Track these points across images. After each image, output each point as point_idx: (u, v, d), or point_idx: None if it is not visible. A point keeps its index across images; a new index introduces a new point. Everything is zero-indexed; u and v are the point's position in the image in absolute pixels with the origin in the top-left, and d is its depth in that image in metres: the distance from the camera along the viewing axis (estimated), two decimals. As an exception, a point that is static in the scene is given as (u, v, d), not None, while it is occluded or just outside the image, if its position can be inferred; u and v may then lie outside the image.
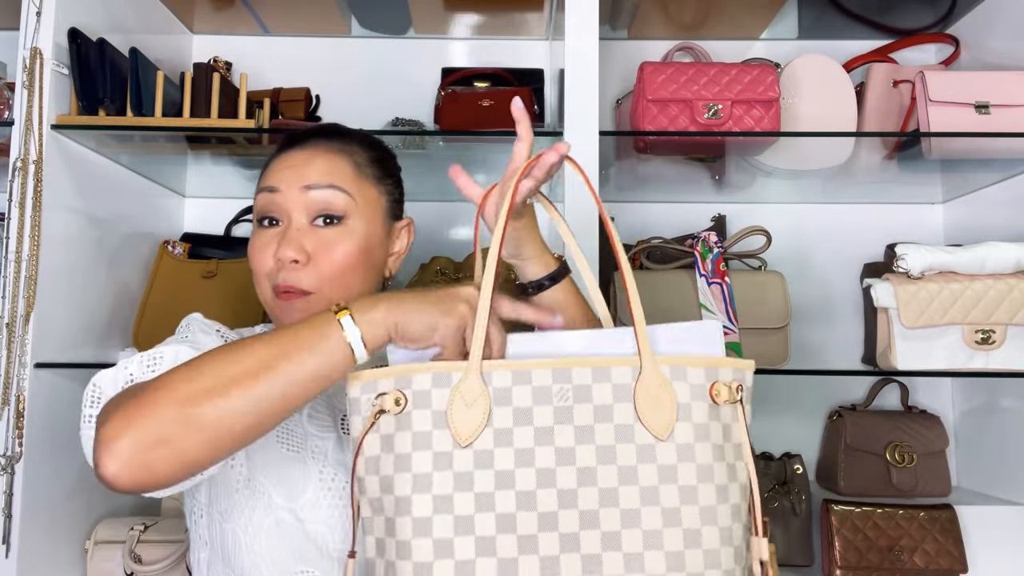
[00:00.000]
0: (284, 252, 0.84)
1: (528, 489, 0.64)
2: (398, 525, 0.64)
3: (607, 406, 0.66)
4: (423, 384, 0.66)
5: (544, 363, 0.66)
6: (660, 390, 0.66)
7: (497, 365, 0.66)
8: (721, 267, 1.32)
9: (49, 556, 1.19)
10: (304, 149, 0.90)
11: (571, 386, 0.66)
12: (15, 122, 1.17)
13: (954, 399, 1.65)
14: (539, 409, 0.65)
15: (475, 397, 0.65)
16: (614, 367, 0.67)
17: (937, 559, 1.33)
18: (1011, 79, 1.33)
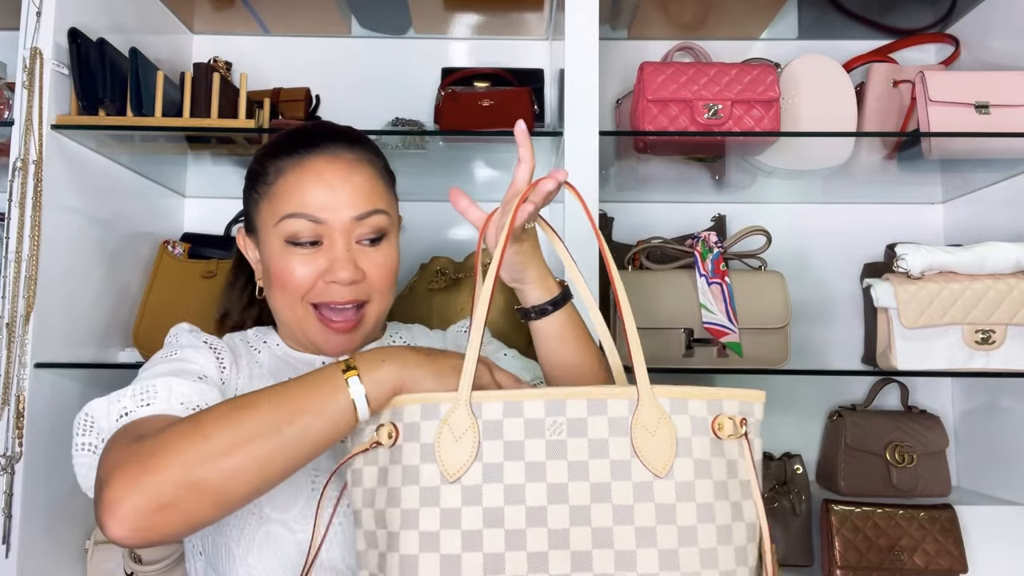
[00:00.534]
0: (341, 274, 0.85)
1: (518, 528, 0.61)
2: (389, 561, 0.62)
3: (602, 440, 0.63)
4: (413, 416, 0.65)
5: (537, 394, 0.64)
6: (659, 424, 0.63)
7: (488, 396, 0.64)
8: (721, 267, 1.32)
9: (49, 556, 1.19)
10: (332, 160, 0.88)
11: (565, 419, 0.63)
12: (15, 122, 1.17)
13: (954, 399, 1.65)
14: (531, 443, 0.63)
15: (464, 430, 0.63)
16: (610, 399, 0.64)
17: (937, 559, 1.33)
18: (1011, 79, 1.33)
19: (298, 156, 0.89)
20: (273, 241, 0.88)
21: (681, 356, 1.29)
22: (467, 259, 1.45)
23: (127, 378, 1.38)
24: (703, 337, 1.29)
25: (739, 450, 0.65)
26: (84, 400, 1.26)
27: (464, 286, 1.39)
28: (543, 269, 0.84)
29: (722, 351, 1.29)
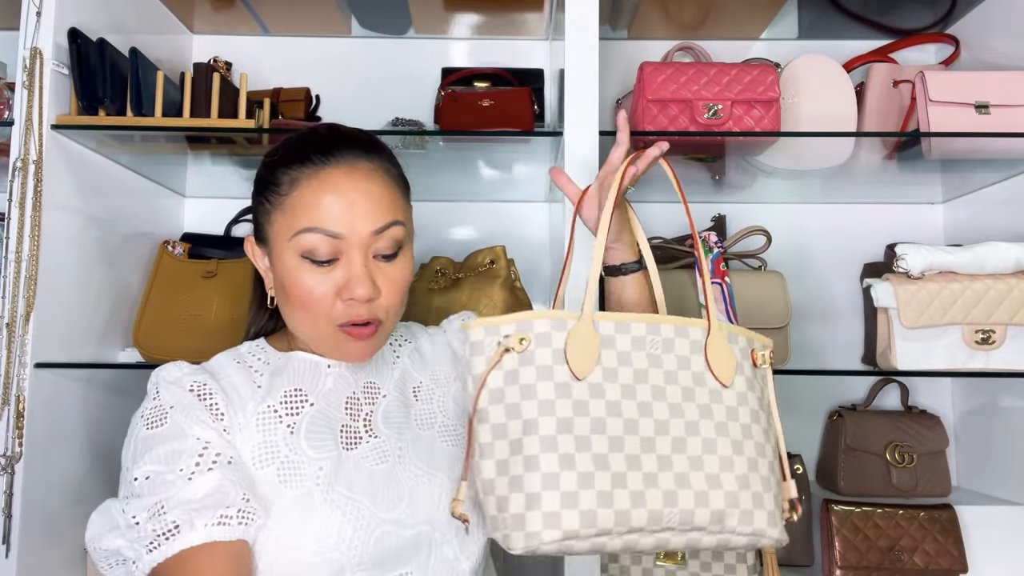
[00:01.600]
0: (359, 291, 0.84)
1: (632, 418, 0.77)
2: (525, 443, 0.74)
3: (685, 357, 0.81)
4: (543, 328, 0.79)
5: (640, 318, 0.81)
6: (723, 348, 0.83)
7: (602, 316, 0.80)
8: (721, 267, 1.32)
9: (49, 556, 1.19)
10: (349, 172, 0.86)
11: (660, 338, 0.81)
12: (15, 122, 1.17)
13: (954, 399, 1.65)
14: (636, 354, 0.80)
15: (588, 340, 0.78)
16: (690, 327, 0.83)
17: (937, 559, 1.33)
18: (1011, 79, 1.33)
19: (312, 167, 0.86)
20: (288, 256, 0.86)
21: (681, 356, 1.29)
22: (467, 259, 1.45)
23: (127, 378, 1.39)
24: (703, 337, 1.29)
25: (764, 377, 0.87)
26: (84, 400, 1.28)
27: (464, 285, 1.39)
28: (633, 236, 0.99)
29: (722, 351, 1.29)
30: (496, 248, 1.44)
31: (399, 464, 0.90)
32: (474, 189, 1.62)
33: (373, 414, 0.93)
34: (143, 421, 0.83)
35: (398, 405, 0.95)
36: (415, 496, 0.88)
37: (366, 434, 0.91)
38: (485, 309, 1.37)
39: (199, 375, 0.87)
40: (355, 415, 0.92)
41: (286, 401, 0.89)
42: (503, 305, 1.37)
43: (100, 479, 1.31)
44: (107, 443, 1.34)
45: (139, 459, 0.81)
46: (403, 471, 0.90)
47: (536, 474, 0.73)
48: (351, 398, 0.93)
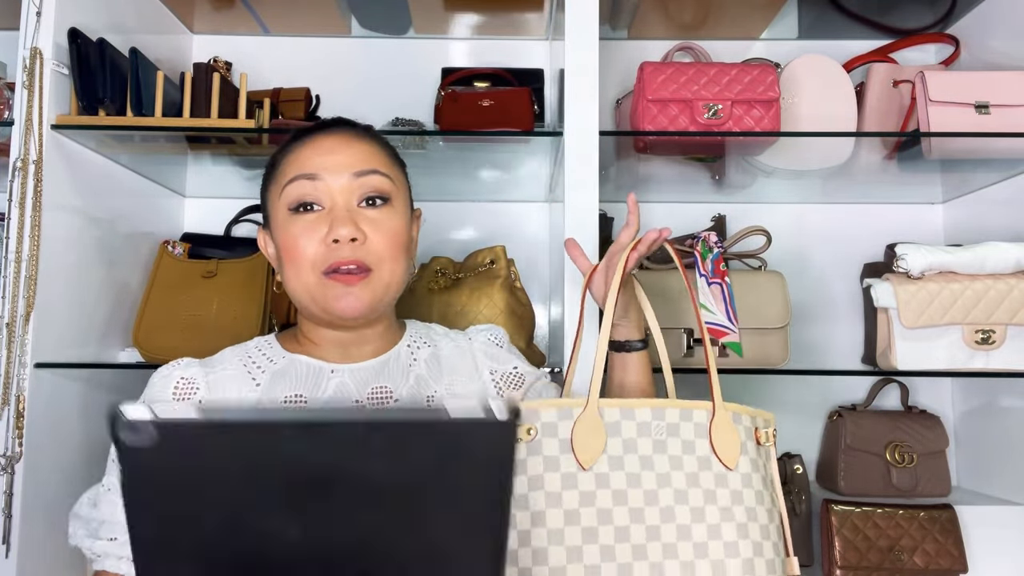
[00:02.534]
0: (341, 231, 0.85)
1: (637, 507, 0.78)
2: (533, 536, 0.76)
3: (691, 441, 0.82)
4: (550, 417, 0.80)
5: (645, 403, 0.82)
6: (728, 430, 0.83)
7: (608, 403, 0.81)
8: (721, 267, 1.32)
9: (49, 556, 1.19)
10: (333, 135, 0.92)
11: (665, 423, 0.82)
12: (15, 122, 1.17)
13: (954, 399, 1.65)
14: (642, 440, 0.81)
15: (594, 428, 0.80)
16: (695, 410, 0.84)
17: (937, 559, 1.33)
18: (1011, 79, 1.33)
19: (302, 139, 0.93)
20: (280, 214, 0.90)
21: (681, 356, 1.29)
22: (467, 259, 1.45)
23: (127, 378, 1.39)
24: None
25: (767, 454, 0.87)
26: (84, 400, 1.28)
27: (464, 285, 1.39)
28: (641, 313, 0.99)
29: (722, 351, 1.29)
30: (496, 248, 1.44)
31: None
32: (474, 189, 1.62)
33: None
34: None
35: None
36: None
37: None
38: (485, 309, 1.37)
39: (189, 370, 0.90)
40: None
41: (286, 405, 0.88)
42: (503, 305, 1.37)
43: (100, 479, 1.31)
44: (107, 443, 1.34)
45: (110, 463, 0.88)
46: None
47: (544, 568, 0.75)
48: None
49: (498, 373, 1.01)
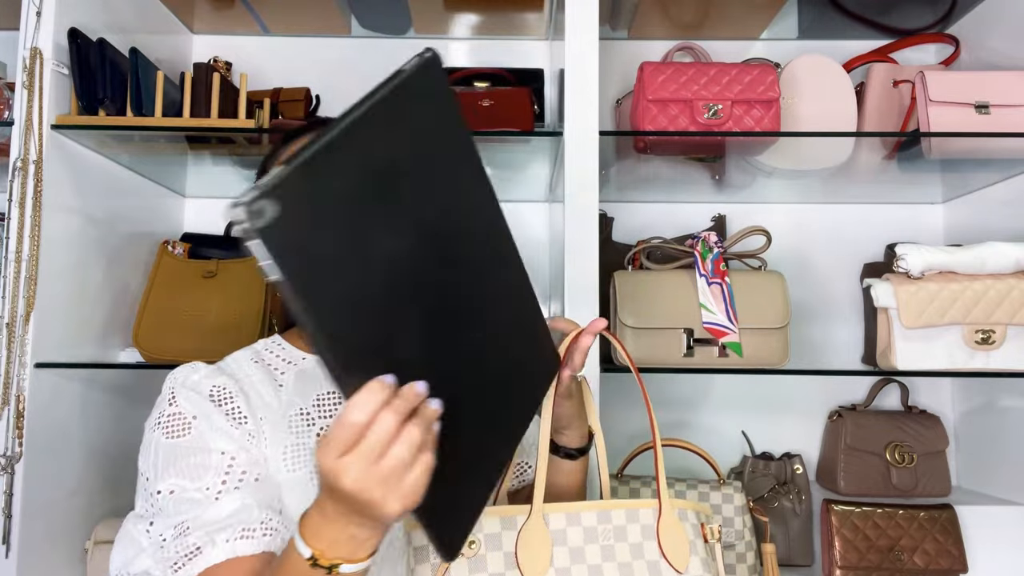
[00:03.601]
0: None
1: None
2: None
3: (638, 544, 0.79)
4: (493, 527, 0.76)
5: (590, 506, 0.79)
6: (675, 529, 0.81)
7: (553, 508, 0.78)
8: (721, 267, 1.32)
9: (49, 556, 1.19)
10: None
11: (611, 526, 0.79)
12: (15, 122, 1.17)
13: (954, 399, 1.65)
14: (589, 548, 0.77)
15: (539, 540, 0.76)
16: (640, 509, 0.81)
17: (937, 559, 1.33)
18: (1011, 79, 1.33)
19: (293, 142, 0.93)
20: None
21: (681, 356, 1.29)
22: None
23: (127, 378, 1.39)
24: (703, 337, 1.29)
25: (714, 551, 0.84)
26: (84, 400, 1.28)
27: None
28: (584, 424, 0.92)
29: (722, 351, 1.29)
30: (496, 248, 1.43)
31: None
32: (474, 189, 1.62)
33: None
34: (162, 429, 0.80)
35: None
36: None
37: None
38: (485, 309, 1.37)
39: (218, 378, 0.84)
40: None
41: (319, 404, 0.87)
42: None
43: (100, 479, 1.31)
44: (107, 443, 1.34)
45: (162, 471, 0.78)
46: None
47: None
48: None
49: None
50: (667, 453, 1.40)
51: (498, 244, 0.66)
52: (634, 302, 1.30)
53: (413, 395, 0.56)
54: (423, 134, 0.59)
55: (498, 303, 0.64)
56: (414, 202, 0.57)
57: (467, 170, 0.63)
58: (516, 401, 0.66)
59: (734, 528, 1.32)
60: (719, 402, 1.65)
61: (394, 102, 0.56)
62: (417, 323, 0.58)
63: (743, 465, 1.52)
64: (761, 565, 1.33)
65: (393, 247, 0.56)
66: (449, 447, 0.58)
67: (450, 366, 0.60)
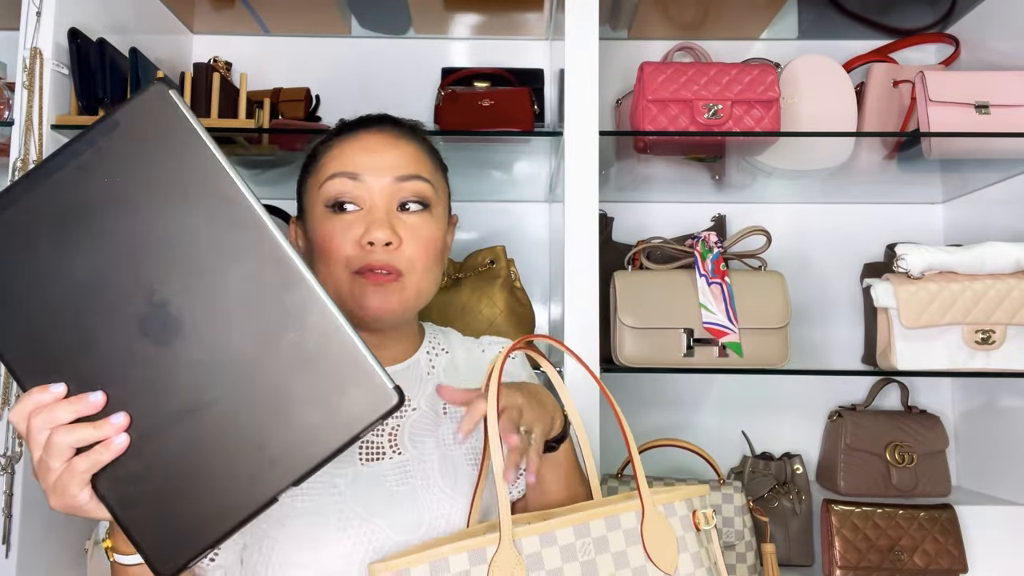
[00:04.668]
0: (377, 234, 0.83)
1: None
2: None
3: (622, 552, 0.73)
4: (461, 564, 0.69)
5: (564, 521, 0.72)
6: (660, 529, 0.75)
7: (524, 532, 0.71)
8: (721, 267, 1.32)
9: (49, 556, 1.19)
10: (378, 133, 0.90)
11: (591, 539, 0.72)
12: (15, 122, 1.17)
13: (954, 399, 1.65)
14: (568, 567, 0.71)
15: (511, 569, 0.69)
16: (622, 514, 0.75)
17: (937, 559, 1.33)
18: (1011, 79, 1.33)
19: (346, 133, 0.91)
20: (316, 209, 0.88)
21: (681, 356, 1.29)
22: (467, 259, 1.45)
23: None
24: (703, 337, 1.29)
25: (708, 536, 0.79)
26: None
27: (464, 285, 1.39)
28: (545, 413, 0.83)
29: (722, 351, 1.29)
30: (496, 248, 1.44)
31: (422, 486, 0.85)
32: (474, 189, 1.62)
33: (400, 428, 0.88)
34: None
35: (427, 421, 0.90)
36: (436, 521, 0.84)
37: (390, 449, 0.87)
38: (485, 309, 1.37)
39: None
40: (379, 430, 0.88)
41: None
42: (503, 305, 1.37)
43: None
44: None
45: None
46: (426, 494, 0.84)
47: None
48: None
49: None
50: (667, 453, 1.41)
51: (264, 276, 0.60)
52: (634, 302, 1.30)
53: (83, 404, 0.60)
54: (144, 166, 0.60)
55: (232, 326, 0.60)
56: (115, 234, 0.61)
57: (205, 195, 0.60)
58: (271, 438, 0.59)
59: (734, 528, 1.32)
60: (719, 402, 1.65)
61: (109, 137, 0.61)
62: (110, 346, 0.60)
63: (743, 465, 1.52)
64: (761, 565, 1.33)
65: (79, 277, 0.61)
66: (146, 465, 0.60)
67: (143, 385, 0.60)
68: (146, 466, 0.60)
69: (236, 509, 0.59)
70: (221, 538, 0.60)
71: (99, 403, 0.60)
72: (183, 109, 0.61)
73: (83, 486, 0.60)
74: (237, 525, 0.59)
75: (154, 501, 0.60)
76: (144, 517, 0.61)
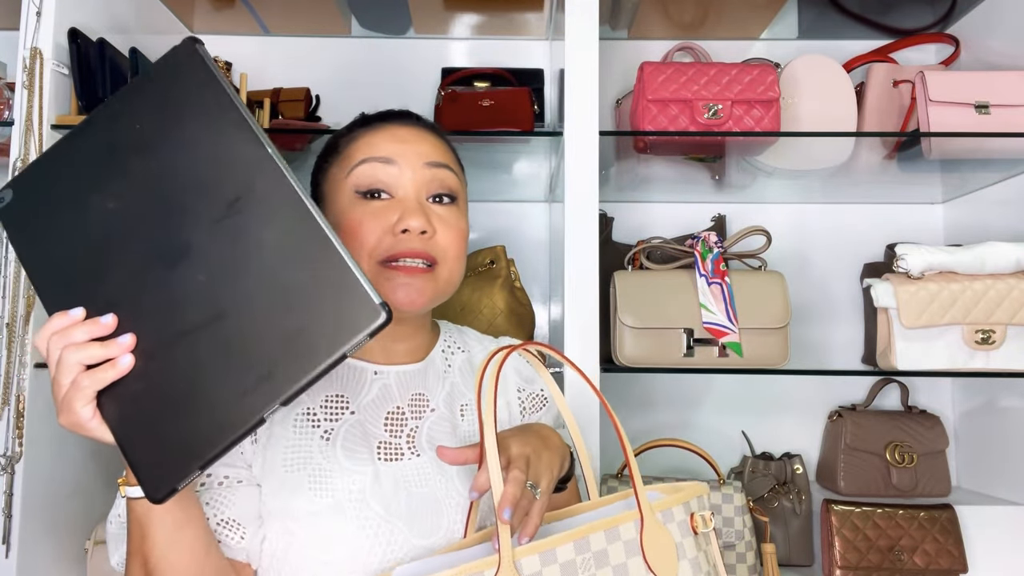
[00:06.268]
0: (412, 222, 0.82)
1: None
2: None
3: (622, 565, 0.72)
4: None
5: (565, 537, 0.70)
6: (660, 537, 0.74)
7: (523, 552, 0.69)
8: (721, 267, 1.32)
9: (49, 556, 1.19)
10: (406, 125, 0.90)
11: (591, 553, 0.71)
12: (15, 122, 1.17)
13: (954, 399, 1.65)
14: None
15: None
16: (621, 525, 0.73)
17: (937, 559, 1.33)
18: (1011, 79, 1.33)
19: (372, 124, 0.91)
20: (343, 196, 0.86)
21: (681, 356, 1.29)
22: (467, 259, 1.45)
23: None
24: (703, 337, 1.29)
25: (706, 538, 0.78)
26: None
27: (464, 285, 1.39)
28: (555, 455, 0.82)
29: (722, 351, 1.29)
30: (496, 248, 1.44)
31: (441, 490, 0.84)
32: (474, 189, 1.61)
33: (418, 430, 0.88)
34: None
35: (445, 423, 0.89)
36: (454, 526, 0.83)
37: (408, 451, 0.86)
38: (485, 309, 1.37)
39: None
40: (397, 431, 0.87)
41: (327, 406, 0.85)
42: (503, 305, 1.37)
43: (100, 479, 1.31)
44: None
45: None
46: (446, 498, 0.84)
47: None
48: (393, 413, 0.88)
49: (525, 392, 0.98)
50: (667, 453, 1.41)
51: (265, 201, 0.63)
52: (634, 302, 1.30)
53: (97, 326, 0.64)
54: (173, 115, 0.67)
55: (244, 255, 0.63)
56: (143, 175, 0.67)
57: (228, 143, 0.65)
58: (262, 356, 0.61)
59: (734, 528, 1.32)
60: (719, 402, 1.65)
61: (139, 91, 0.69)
62: (127, 274, 0.66)
63: (743, 465, 1.52)
64: (761, 565, 1.33)
65: (109, 215, 0.67)
66: (147, 385, 0.64)
67: (152, 307, 0.65)
68: (147, 386, 0.64)
69: (225, 429, 0.61)
70: (210, 460, 0.61)
71: (110, 325, 0.64)
72: (208, 63, 0.66)
73: (87, 402, 0.63)
74: (226, 447, 0.61)
75: (151, 421, 0.64)
76: (140, 438, 0.64)
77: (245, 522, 0.80)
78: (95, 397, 0.64)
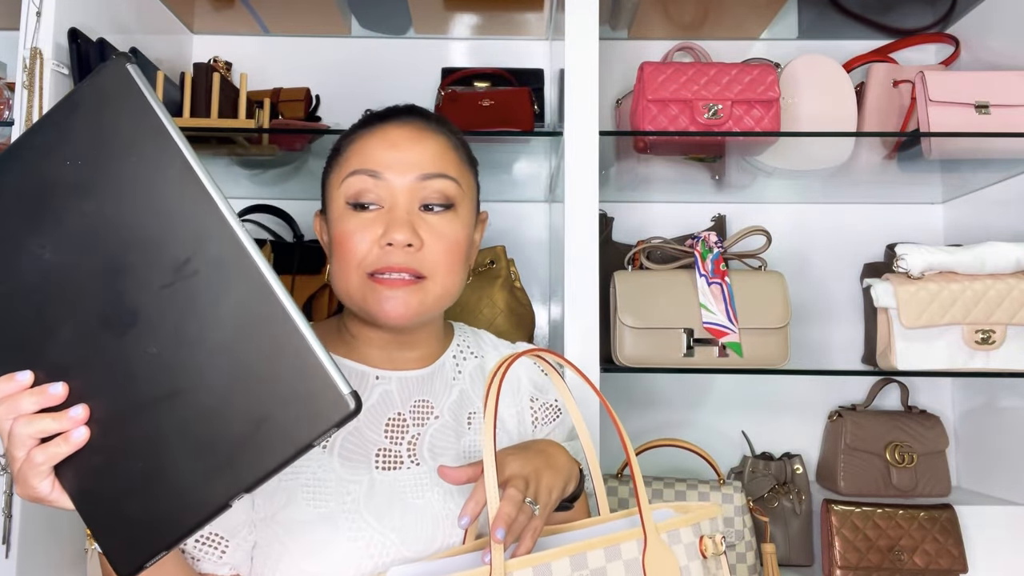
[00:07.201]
0: (396, 235, 0.80)
1: None
2: None
3: None
4: None
5: (560, 552, 0.67)
6: (664, 559, 0.70)
7: (517, 564, 0.66)
8: (721, 267, 1.32)
9: (49, 556, 1.19)
10: (403, 127, 0.86)
11: (588, 571, 0.67)
12: (15, 122, 1.17)
13: (954, 399, 1.65)
14: None
15: None
16: (622, 543, 0.70)
17: (937, 559, 1.33)
18: (1011, 79, 1.33)
19: (370, 126, 0.88)
20: (337, 205, 0.85)
21: (681, 356, 1.29)
22: (467, 259, 1.45)
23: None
24: (703, 337, 1.29)
25: (717, 563, 0.74)
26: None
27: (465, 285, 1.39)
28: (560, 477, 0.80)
29: (722, 351, 1.29)
30: (496, 248, 1.44)
31: (439, 502, 0.83)
32: (474, 189, 1.62)
33: (420, 438, 0.86)
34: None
35: (449, 432, 0.87)
36: (450, 539, 0.81)
37: (408, 459, 0.84)
38: (485, 309, 1.37)
39: None
40: (397, 439, 0.85)
41: None
42: (503, 305, 1.37)
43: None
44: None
45: None
46: (443, 510, 0.82)
47: None
48: (394, 420, 0.86)
49: (538, 402, 0.95)
50: (667, 453, 1.41)
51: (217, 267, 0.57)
52: (634, 302, 1.30)
53: (46, 396, 0.59)
54: (107, 152, 0.58)
55: (197, 329, 0.57)
56: (81, 223, 0.59)
57: (172, 192, 0.57)
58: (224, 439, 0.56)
59: (734, 528, 1.32)
60: (719, 402, 1.65)
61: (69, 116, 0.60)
62: (74, 335, 0.59)
63: (743, 465, 1.52)
64: (761, 565, 1.33)
65: (43, 263, 0.60)
66: (106, 459, 0.59)
67: (103, 378, 0.59)
68: (106, 461, 0.59)
69: (187, 515, 0.57)
70: (174, 543, 0.57)
71: (59, 395, 0.59)
72: (140, 85, 0.58)
73: (43, 477, 0.59)
74: (189, 531, 0.57)
75: (112, 497, 0.59)
76: (103, 514, 0.59)
77: (229, 534, 0.78)
78: (52, 471, 0.60)
